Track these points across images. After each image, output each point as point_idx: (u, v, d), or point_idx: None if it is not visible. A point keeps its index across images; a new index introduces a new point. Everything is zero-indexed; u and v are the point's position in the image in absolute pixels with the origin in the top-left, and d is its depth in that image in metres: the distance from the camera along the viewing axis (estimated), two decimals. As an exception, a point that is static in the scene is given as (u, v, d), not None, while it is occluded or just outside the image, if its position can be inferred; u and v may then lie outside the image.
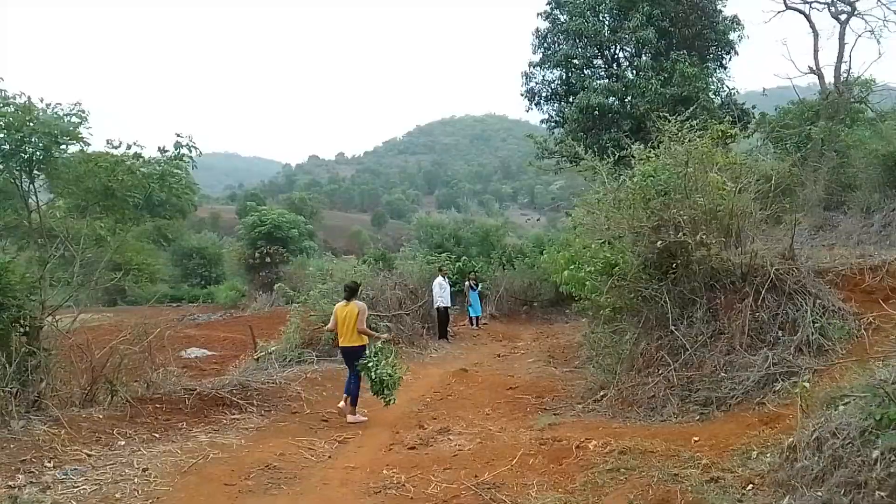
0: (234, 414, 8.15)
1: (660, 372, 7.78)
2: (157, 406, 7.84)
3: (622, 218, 9.28)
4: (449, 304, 16.78)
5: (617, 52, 23.65)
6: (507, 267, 25.49)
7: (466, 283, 19.40)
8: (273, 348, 12.89)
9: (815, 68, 20.69)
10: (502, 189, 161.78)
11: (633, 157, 10.11)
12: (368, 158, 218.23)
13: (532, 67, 25.09)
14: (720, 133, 9.41)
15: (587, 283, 11.74)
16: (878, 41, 20.44)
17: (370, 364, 8.36)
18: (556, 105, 25.46)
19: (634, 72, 21.81)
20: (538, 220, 48.13)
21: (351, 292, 8.87)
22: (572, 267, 12.91)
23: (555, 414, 8.21)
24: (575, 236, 13.35)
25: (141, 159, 8.77)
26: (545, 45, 24.56)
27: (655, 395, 7.53)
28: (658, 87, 20.04)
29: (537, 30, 24.72)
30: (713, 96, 21.34)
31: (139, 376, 8.36)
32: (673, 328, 7.97)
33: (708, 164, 8.38)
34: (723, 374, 7.12)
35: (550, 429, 7.39)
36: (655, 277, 8.49)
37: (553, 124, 25.98)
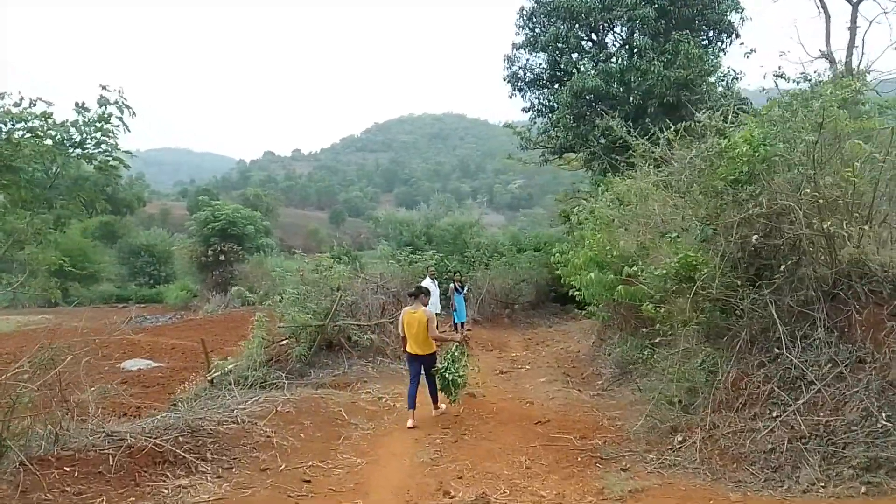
0: (178, 477, 5.74)
1: (773, 414, 5.68)
2: (67, 469, 5.42)
3: (691, 206, 7.20)
4: (438, 310, 14.57)
5: (610, 32, 21.74)
6: (489, 267, 23.39)
7: (451, 285, 17.17)
8: (231, 366, 10.51)
9: (826, 53, 19.09)
10: (461, 188, 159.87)
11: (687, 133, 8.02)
12: (326, 155, 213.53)
13: (516, 50, 23.03)
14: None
15: (620, 288, 9.73)
16: (890, 26, 18.96)
17: (444, 369, 8.43)
18: (539, 92, 23.44)
19: (631, 53, 19.85)
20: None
21: (417, 293, 8.78)
22: (592, 268, 10.91)
23: (623, 469, 6.05)
24: (595, 232, 11.28)
25: (50, 120, 6.31)
26: (530, 25, 22.53)
27: (775, 447, 5.41)
28: (661, 68, 18.12)
29: (522, 9, 22.68)
30: (717, 81, 19.53)
31: (45, 421, 5.94)
32: (785, 353, 5.88)
33: (840, 130, 6.27)
34: (884, 421, 5.03)
35: (633, 498, 5.25)
36: (747, 284, 6.41)
37: (535, 113, 23.91)
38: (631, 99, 18.90)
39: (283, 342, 11.28)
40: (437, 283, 15.00)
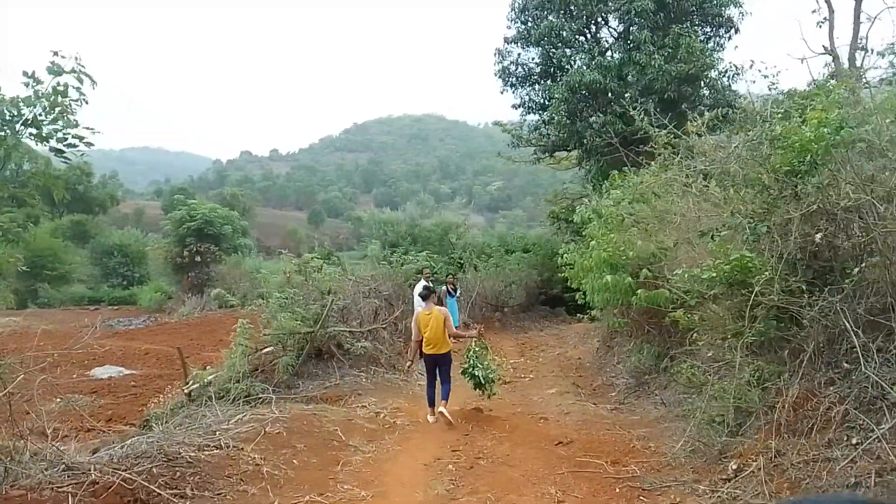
0: (152, 521, 4.81)
1: (852, 441, 4.87)
2: (15, 515, 4.46)
3: (737, 201, 6.39)
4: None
5: (605, 26, 21.02)
6: (479, 269, 22.56)
7: (443, 287, 16.28)
8: (210, 377, 9.55)
9: (829, 48, 18.49)
10: (440, 189, 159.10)
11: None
12: (304, 155, 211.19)
13: (507, 44, 22.21)
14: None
15: (640, 292, 8.92)
16: (893, 22, 18.41)
17: (472, 367, 8.51)
18: (531, 88, 22.64)
19: (629, 47, 19.10)
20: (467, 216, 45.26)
21: (429, 293, 8.86)
22: (605, 270, 10.09)
23: (674, 504, 5.22)
24: (607, 232, 10.46)
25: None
26: (522, 18, 21.73)
27: (860, 480, 4.60)
28: (661, 62, 17.40)
29: (514, 1, 21.85)
30: (718, 76, 18.85)
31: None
32: (862, 368, 5.08)
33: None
34: None
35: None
36: (811, 289, 5.60)
37: (525, 110, 23.10)
38: (629, 94, 18.13)
39: (266, 350, 10.34)
40: (447, 282, 14.12)
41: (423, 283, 13.66)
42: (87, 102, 5.36)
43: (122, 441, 7.66)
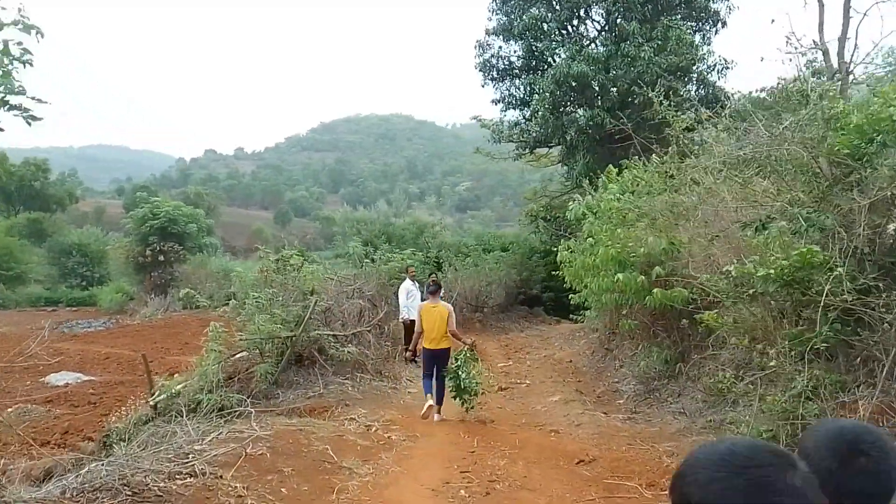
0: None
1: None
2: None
3: (785, 189, 5.67)
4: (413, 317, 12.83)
5: (589, 20, 20.38)
6: (458, 268, 21.80)
7: (426, 288, 15.43)
8: (179, 386, 8.58)
9: (819, 43, 18.07)
10: (409, 189, 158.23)
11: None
12: (270, 154, 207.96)
13: (489, 35, 21.47)
14: None
15: (656, 291, 8.20)
16: (882, 17, 18.11)
17: (457, 371, 8.18)
18: (511, 83, 21.93)
19: (617, 39, 18.47)
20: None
21: (436, 289, 8.88)
22: (609, 268, 9.37)
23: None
24: (613, 228, 9.74)
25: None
26: (505, 9, 21.01)
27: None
28: (651, 55, 16.79)
29: (496, -10, 21.15)
30: (708, 70, 18.35)
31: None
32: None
33: None
34: None
35: None
36: (887, 288, 4.89)
37: (506, 106, 22.37)
38: (617, 87, 17.52)
39: (239, 355, 9.39)
40: (417, 285, 13.26)
41: (407, 282, 12.84)
42: (31, 64, 4.41)
43: (77, 466, 6.70)
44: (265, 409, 7.91)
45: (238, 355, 9.40)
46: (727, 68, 18.10)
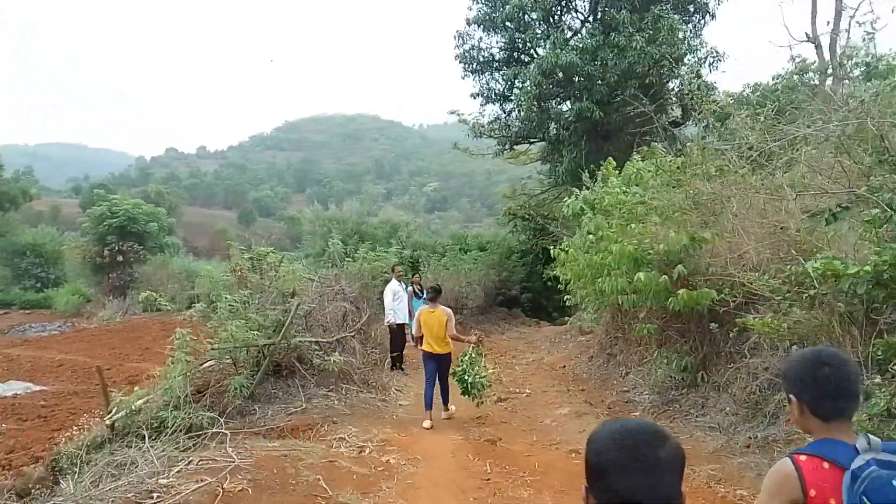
0: None
1: None
2: None
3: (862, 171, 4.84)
4: (406, 320, 11.89)
5: (575, 10, 19.61)
6: (437, 268, 20.92)
7: (409, 288, 14.43)
8: (141, 401, 7.49)
9: (811, 36, 17.59)
10: (376, 189, 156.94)
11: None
12: (233, 153, 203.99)
13: (469, 26, 20.55)
14: None
15: (682, 292, 7.36)
16: (873, 10, 17.72)
17: (463, 372, 8.13)
18: (490, 76, 21.05)
19: (606, 29, 17.69)
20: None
21: (435, 295, 8.66)
22: (621, 266, 8.52)
23: None
24: (625, 223, 8.88)
25: None
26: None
27: None
28: (643, 44, 16.05)
29: (478, -21, 20.24)
30: (699, 62, 17.70)
31: None
32: None
33: None
34: None
35: None
36: None
37: (485, 100, 21.46)
38: (606, 79, 16.73)
39: (206, 364, 8.29)
40: (405, 286, 12.31)
41: (395, 282, 11.87)
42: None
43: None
44: (241, 430, 6.86)
45: (205, 364, 8.30)
46: (719, 60, 17.48)
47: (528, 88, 17.48)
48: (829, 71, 17.32)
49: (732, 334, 7.25)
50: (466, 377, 8.07)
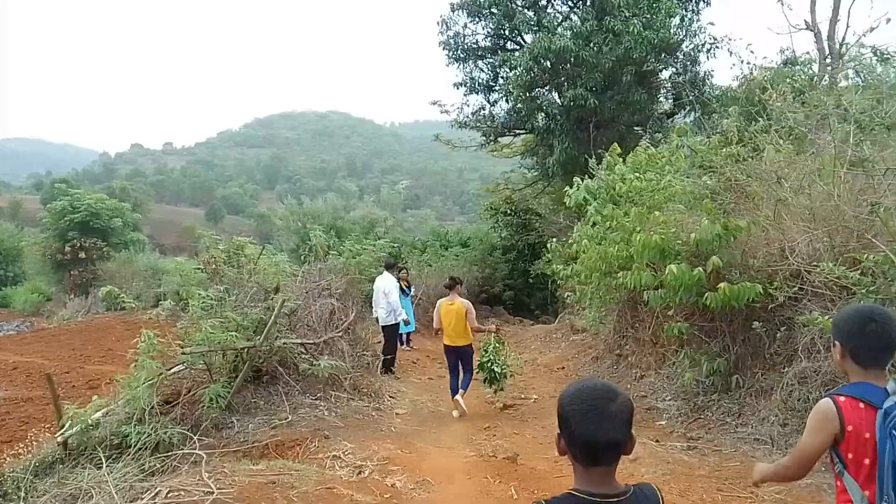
0: None
1: None
2: None
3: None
4: (399, 316, 10.93)
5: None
6: (423, 264, 20.03)
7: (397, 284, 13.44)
8: (98, 414, 6.42)
9: (810, 23, 17.00)
10: (348, 186, 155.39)
11: None
12: (201, 149, 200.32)
13: (454, 11, 19.59)
14: None
15: (723, 286, 6.50)
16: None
17: (489, 362, 8.22)
18: (474, 64, 20.12)
19: (600, 13, 16.84)
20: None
21: (452, 287, 8.50)
22: (646, 258, 7.66)
23: None
24: (645, 212, 8.02)
25: None
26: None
27: None
28: (640, 29, 15.24)
29: (462, -35, 19.28)
30: (697, 48, 16.98)
31: None
32: None
33: None
34: None
35: None
36: None
37: (468, 90, 20.50)
38: (601, 65, 15.87)
39: (175, 370, 7.21)
40: (395, 280, 11.35)
41: (385, 275, 10.91)
42: None
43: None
44: (219, 448, 5.84)
45: (174, 369, 7.23)
46: (717, 47, 16.77)
47: (519, 74, 16.58)
48: (828, 59, 16.79)
49: (780, 334, 6.44)
50: (494, 367, 8.19)
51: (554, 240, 12.11)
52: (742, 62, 14.38)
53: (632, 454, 5.07)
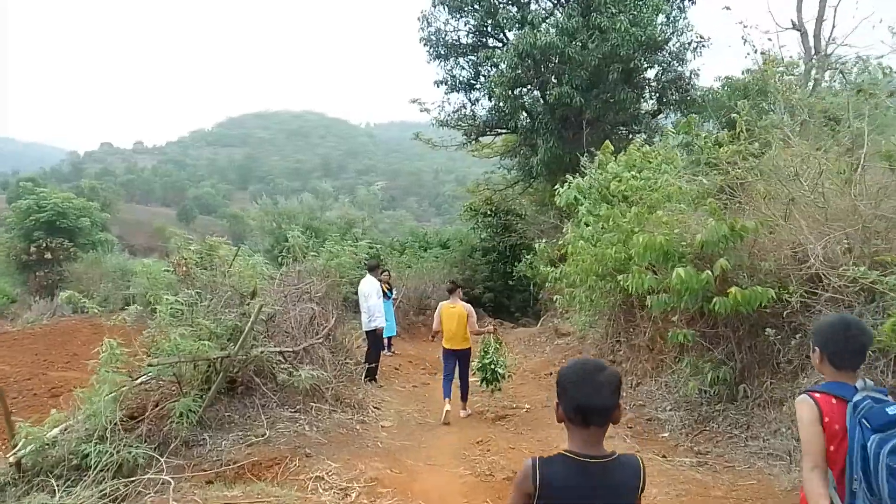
0: None
1: None
2: None
3: None
4: (383, 324, 10.44)
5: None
6: (402, 265, 19.55)
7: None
8: (55, 431, 5.84)
9: (797, 23, 16.83)
10: (322, 187, 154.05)
11: None
12: (172, 149, 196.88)
13: (435, 7, 19.14)
14: None
15: (734, 290, 6.10)
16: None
17: (488, 362, 8.23)
18: (456, 61, 19.68)
19: (585, 9, 16.46)
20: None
21: (453, 291, 8.55)
22: (646, 260, 7.26)
23: None
24: (645, 211, 7.63)
25: None
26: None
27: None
28: (627, 25, 14.89)
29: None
30: (684, 46, 16.69)
31: None
32: None
33: None
34: None
35: None
36: None
37: (449, 88, 20.05)
38: (587, 62, 15.48)
39: (140, 381, 6.62)
40: (379, 283, 10.83)
41: (369, 278, 10.40)
42: None
43: None
44: (189, 469, 5.28)
45: (139, 380, 6.63)
46: (703, 46, 16.49)
47: (503, 72, 16.16)
48: (814, 58, 16.60)
49: (794, 341, 6.06)
50: (497, 369, 8.23)
51: (543, 241, 11.68)
52: (756, 52, 14.03)
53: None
